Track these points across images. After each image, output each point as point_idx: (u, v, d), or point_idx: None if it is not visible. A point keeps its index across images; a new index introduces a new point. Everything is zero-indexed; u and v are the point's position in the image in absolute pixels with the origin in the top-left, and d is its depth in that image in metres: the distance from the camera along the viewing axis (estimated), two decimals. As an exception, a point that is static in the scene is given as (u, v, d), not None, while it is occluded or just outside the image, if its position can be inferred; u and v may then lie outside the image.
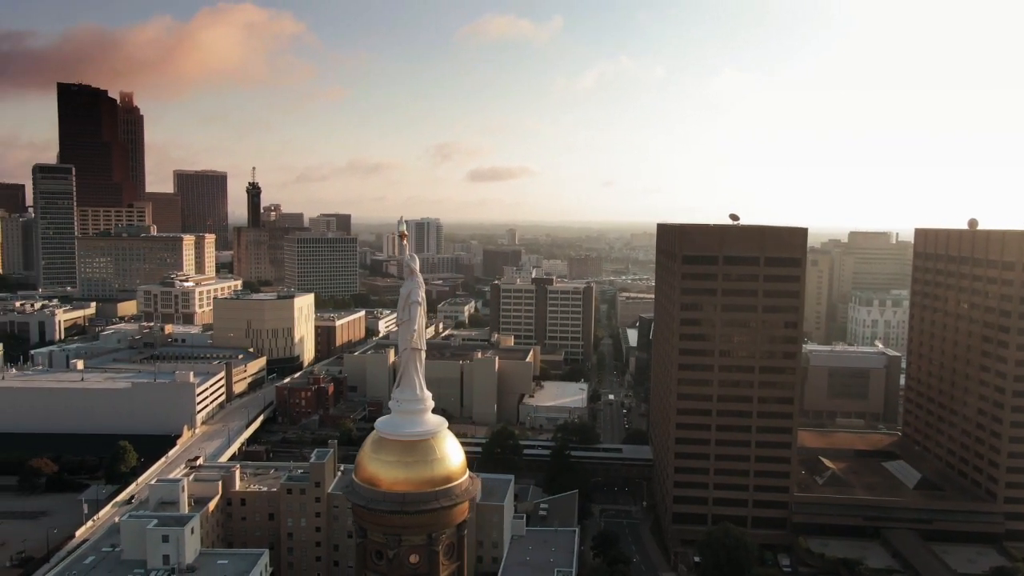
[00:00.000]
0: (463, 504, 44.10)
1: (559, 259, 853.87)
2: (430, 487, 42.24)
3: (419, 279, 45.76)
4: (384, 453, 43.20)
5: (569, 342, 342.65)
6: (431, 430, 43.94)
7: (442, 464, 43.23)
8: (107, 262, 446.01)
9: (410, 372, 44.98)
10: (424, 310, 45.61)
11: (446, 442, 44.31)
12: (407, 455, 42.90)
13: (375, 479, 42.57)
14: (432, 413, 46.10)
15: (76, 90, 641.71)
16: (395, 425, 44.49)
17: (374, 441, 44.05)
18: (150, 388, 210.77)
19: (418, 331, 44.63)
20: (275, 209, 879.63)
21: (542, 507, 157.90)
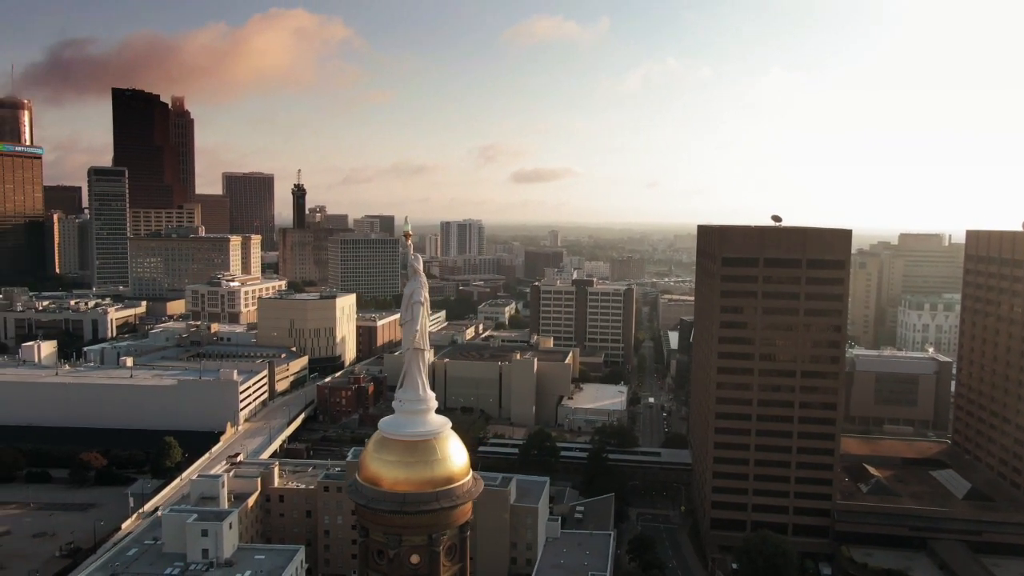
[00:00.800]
0: (465, 505, 43.99)
1: (601, 261, 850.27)
2: (431, 487, 42.27)
3: (422, 279, 45.84)
4: (385, 453, 43.36)
5: (609, 344, 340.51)
6: (433, 431, 43.93)
7: (443, 465, 43.21)
8: (157, 262, 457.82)
9: (413, 372, 45.04)
10: (427, 310, 45.62)
11: (448, 443, 44.28)
12: (408, 455, 43.01)
13: (377, 479, 42.77)
14: (436, 414, 46.06)
15: (130, 95, 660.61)
16: (397, 425, 44.63)
17: (376, 441, 44.30)
18: (195, 385, 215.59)
19: (420, 331, 44.68)
20: (320, 210, 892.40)
21: (578, 510, 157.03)
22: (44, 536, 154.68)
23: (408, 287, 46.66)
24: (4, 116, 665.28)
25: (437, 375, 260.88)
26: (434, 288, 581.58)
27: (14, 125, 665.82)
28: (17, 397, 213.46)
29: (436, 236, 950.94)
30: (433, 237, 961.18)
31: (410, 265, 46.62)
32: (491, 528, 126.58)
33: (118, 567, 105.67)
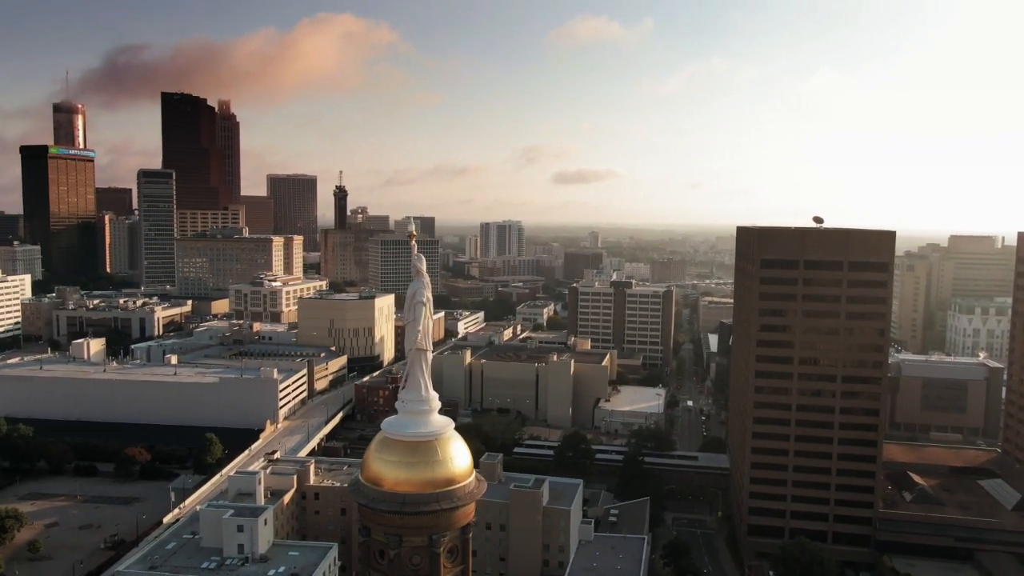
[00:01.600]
0: (467, 507, 43.70)
1: (642, 262, 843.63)
2: (431, 488, 42.10)
3: (425, 279, 45.76)
4: (387, 453, 43.39)
5: (648, 346, 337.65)
6: (435, 431, 43.79)
7: (444, 466, 43.00)
8: (203, 262, 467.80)
9: (415, 372, 45.02)
10: (430, 310, 45.53)
11: (450, 444, 44.06)
12: (408, 456, 42.94)
13: (378, 478, 42.80)
14: (439, 414, 45.94)
15: (178, 99, 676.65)
16: (399, 425, 44.62)
17: (379, 440, 44.36)
18: (236, 383, 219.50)
19: (423, 331, 44.62)
20: (362, 212, 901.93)
21: (612, 513, 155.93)
22: (90, 528, 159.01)
23: (411, 288, 46.82)
24: (59, 120, 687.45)
25: (474, 376, 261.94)
26: (473, 289, 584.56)
27: (69, 129, 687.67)
28: (67, 393, 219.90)
29: (476, 237, 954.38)
30: (473, 238, 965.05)
31: (413, 266, 46.66)
32: (523, 530, 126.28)
33: (157, 560, 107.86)
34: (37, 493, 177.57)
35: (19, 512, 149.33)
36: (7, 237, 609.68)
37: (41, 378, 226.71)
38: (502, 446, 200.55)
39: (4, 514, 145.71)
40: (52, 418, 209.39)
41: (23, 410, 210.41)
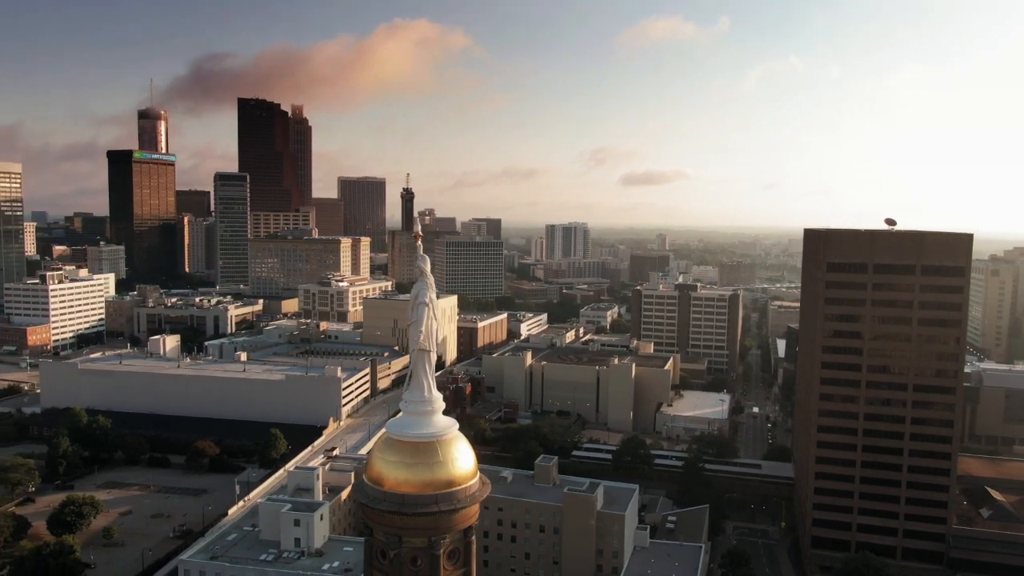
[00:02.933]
0: (468, 509, 43.13)
1: (710, 265, 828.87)
2: (431, 490, 41.75)
3: (429, 280, 45.58)
4: (388, 453, 43.35)
5: (713, 351, 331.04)
6: (436, 432, 43.45)
7: (444, 467, 42.60)
8: (275, 262, 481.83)
9: (418, 373, 44.82)
10: (433, 311, 45.28)
11: (452, 445, 43.63)
12: (409, 456, 42.75)
13: (380, 478, 42.78)
14: (443, 415, 45.61)
15: (253, 105, 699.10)
16: (402, 426, 44.52)
17: (382, 440, 44.40)
18: (301, 381, 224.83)
19: (425, 332, 44.42)
20: (429, 214, 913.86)
21: (670, 519, 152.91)
22: (161, 517, 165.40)
23: (414, 288, 46.87)
24: (144, 127, 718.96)
25: (535, 377, 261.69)
26: (537, 291, 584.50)
27: (152, 135, 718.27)
28: (143, 387, 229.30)
29: (542, 239, 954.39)
30: (539, 240, 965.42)
31: (418, 267, 46.66)
32: (577, 533, 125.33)
33: (218, 550, 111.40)
34: (114, 482, 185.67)
35: (95, 500, 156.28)
36: (95, 238, 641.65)
37: (120, 372, 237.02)
38: (560, 449, 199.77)
39: (81, 501, 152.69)
40: (129, 411, 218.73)
41: (103, 403, 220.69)
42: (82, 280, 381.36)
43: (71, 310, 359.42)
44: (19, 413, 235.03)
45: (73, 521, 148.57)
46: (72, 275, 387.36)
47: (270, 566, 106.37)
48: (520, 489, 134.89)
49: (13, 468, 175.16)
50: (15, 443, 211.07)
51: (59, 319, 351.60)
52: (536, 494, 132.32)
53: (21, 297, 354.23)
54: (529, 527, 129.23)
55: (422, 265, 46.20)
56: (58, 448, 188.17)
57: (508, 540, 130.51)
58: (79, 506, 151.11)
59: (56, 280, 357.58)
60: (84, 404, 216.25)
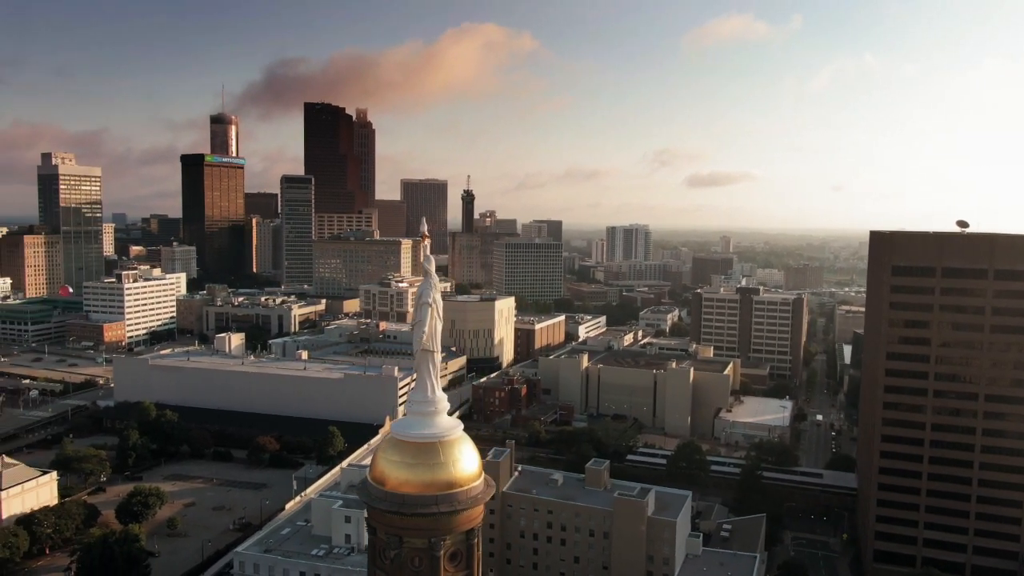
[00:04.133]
0: (470, 511, 42.60)
1: (775, 268, 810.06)
2: (432, 491, 41.42)
3: (433, 280, 45.22)
4: (391, 453, 43.24)
5: (776, 356, 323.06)
6: (438, 433, 43.10)
7: (445, 468, 42.20)
8: (338, 263, 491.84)
9: (422, 374, 44.58)
10: (436, 311, 44.88)
11: (455, 447, 43.20)
12: (410, 456, 42.54)
13: (383, 478, 42.69)
14: (448, 416, 45.25)
15: (319, 108, 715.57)
16: (405, 426, 44.39)
17: (386, 440, 44.41)
18: (359, 379, 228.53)
19: (428, 332, 44.06)
20: (490, 215, 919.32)
21: (725, 528, 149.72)
22: (222, 509, 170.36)
23: (419, 288, 46.82)
24: (215, 131, 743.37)
25: (591, 380, 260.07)
26: (596, 293, 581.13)
27: (223, 139, 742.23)
28: (209, 383, 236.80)
29: (602, 241, 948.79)
30: (600, 242, 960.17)
31: (422, 267, 46.54)
32: (627, 539, 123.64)
33: (272, 544, 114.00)
34: (179, 474, 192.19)
35: (160, 491, 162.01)
36: (169, 239, 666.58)
37: (187, 368, 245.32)
38: (615, 453, 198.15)
39: (148, 492, 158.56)
40: (195, 406, 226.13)
41: (171, 397, 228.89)
42: (155, 279, 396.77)
43: (145, 308, 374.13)
44: (94, 406, 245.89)
45: (139, 511, 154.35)
46: (146, 274, 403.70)
47: (321, 561, 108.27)
48: (570, 492, 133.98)
49: (86, 458, 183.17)
50: (89, 434, 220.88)
51: (133, 316, 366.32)
52: (586, 498, 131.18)
53: (99, 295, 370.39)
54: (579, 531, 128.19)
55: (427, 266, 46.27)
56: (128, 440, 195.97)
57: (558, 543, 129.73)
58: (145, 496, 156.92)
59: (131, 279, 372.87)
60: (154, 398, 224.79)
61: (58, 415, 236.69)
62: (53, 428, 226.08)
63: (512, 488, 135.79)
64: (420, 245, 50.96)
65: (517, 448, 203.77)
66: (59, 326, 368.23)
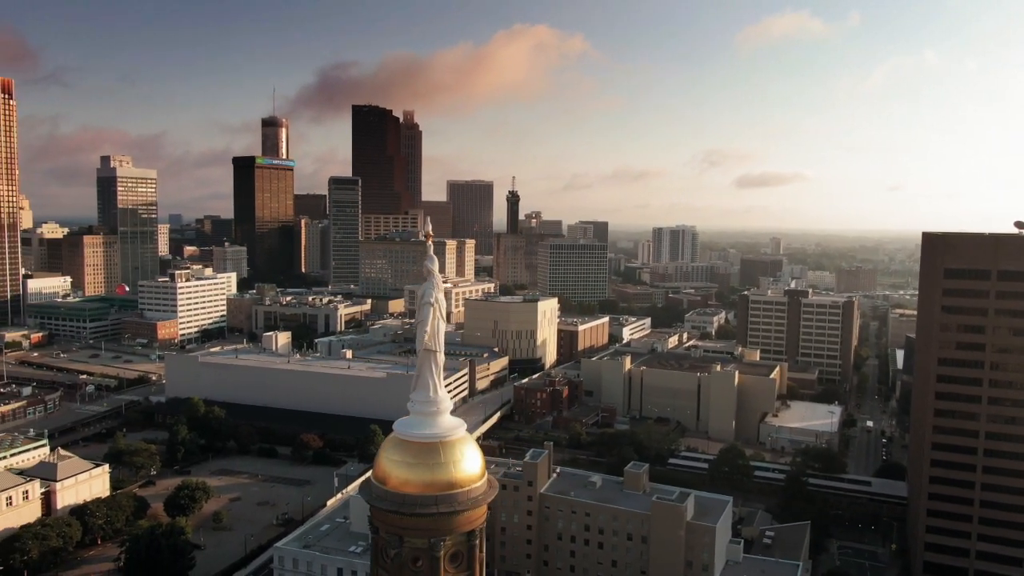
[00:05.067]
0: (471, 512, 42.28)
1: (827, 270, 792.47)
2: (432, 491, 41.23)
3: (436, 280, 45.05)
4: (392, 452, 43.18)
5: (825, 360, 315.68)
6: (440, 433, 42.92)
7: (446, 469, 41.96)
8: (384, 264, 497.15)
9: (424, 373, 44.46)
10: (438, 311, 44.66)
11: (456, 447, 42.92)
12: (410, 456, 42.43)
13: (384, 477, 42.64)
14: (451, 416, 45.00)
15: (367, 111, 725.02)
16: (408, 425, 44.35)
17: (389, 439, 44.32)
18: (402, 379, 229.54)
19: (430, 332, 43.91)
20: (536, 216, 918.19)
21: (767, 534, 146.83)
22: (266, 505, 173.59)
23: (421, 288, 46.68)
24: (266, 133, 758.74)
25: (633, 382, 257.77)
26: (642, 295, 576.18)
27: (274, 141, 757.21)
28: (255, 380, 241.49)
29: (649, 242, 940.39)
30: (646, 243, 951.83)
31: (425, 267, 46.37)
32: (665, 544, 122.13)
33: (311, 540, 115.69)
34: (225, 470, 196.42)
35: (207, 485, 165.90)
36: (221, 239, 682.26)
37: (235, 366, 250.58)
38: (657, 456, 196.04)
39: (195, 486, 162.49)
40: (242, 403, 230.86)
41: (220, 394, 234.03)
42: (206, 279, 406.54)
43: (196, 306, 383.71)
44: (146, 401, 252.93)
45: (186, 504, 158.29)
46: (198, 274, 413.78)
47: (358, 558, 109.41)
48: (609, 495, 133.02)
49: (137, 452, 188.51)
50: (141, 429, 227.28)
51: (186, 315, 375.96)
52: (624, 501, 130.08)
53: (153, 294, 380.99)
54: (616, 534, 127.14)
55: (429, 265, 46.29)
56: (177, 435, 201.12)
57: (595, 546, 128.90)
58: (192, 490, 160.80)
59: (184, 278, 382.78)
60: (203, 395, 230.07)
61: (112, 410, 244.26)
62: (107, 422, 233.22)
63: (550, 490, 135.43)
64: (427, 243, 50.70)
65: (558, 450, 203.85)
66: (115, 324, 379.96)
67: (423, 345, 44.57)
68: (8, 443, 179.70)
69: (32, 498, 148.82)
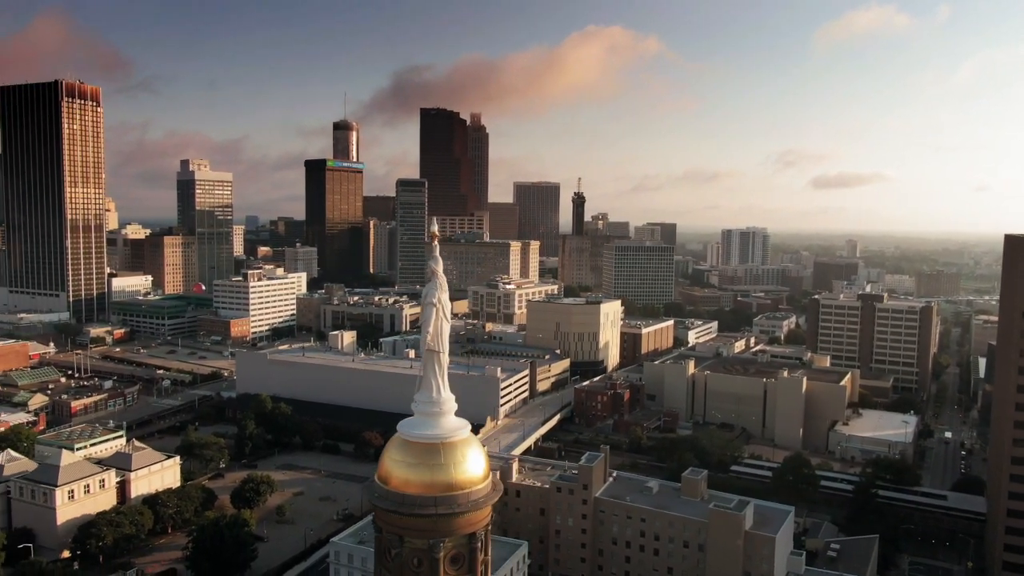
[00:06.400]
0: (472, 514, 41.43)
1: (906, 274, 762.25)
2: (432, 491, 40.62)
3: (439, 281, 44.47)
4: (395, 452, 42.88)
5: (900, 368, 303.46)
6: (441, 434, 42.29)
7: (446, 470, 41.28)
8: (448, 265, 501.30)
9: (427, 374, 44.02)
10: (441, 311, 44.14)
11: (458, 449, 42.18)
12: (411, 456, 41.97)
13: (387, 477, 42.32)
14: (455, 417, 44.27)
15: (434, 114, 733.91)
16: (411, 426, 43.91)
17: (393, 439, 43.93)
18: (462, 379, 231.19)
19: (433, 332, 43.39)
20: (602, 218, 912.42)
21: (832, 547, 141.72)
22: (328, 500, 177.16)
23: (425, 288, 46.29)
24: (338, 137, 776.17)
25: (697, 387, 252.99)
26: (709, 298, 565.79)
27: (345, 144, 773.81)
28: (321, 378, 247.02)
29: (718, 244, 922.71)
30: (715, 245, 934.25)
31: (429, 267, 45.98)
32: (722, 553, 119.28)
33: (365, 536, 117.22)
34: (290, 464, 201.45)
35: (271, 479, 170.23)
36: (294, 240, 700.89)
37: (302, 364, 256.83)
38: (719, 463, 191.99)
39: (259, 480, 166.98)
40: (308, 399, 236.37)
41: (287, 391, 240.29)
42: (277, 279, 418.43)
43: (267, 305, 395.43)
44: (218, 396, 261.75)
45: (251, 497, 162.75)
46: (269, 274, 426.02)
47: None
48: (665, 501, 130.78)
49: (207, 446, 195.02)
50: (213, 423, 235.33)
51: (257, 313, 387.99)
52: (681, 507, 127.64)
53: (227, 293, 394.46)
54: (672, 541, 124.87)
55: (434, 266, 46.17)
56: (245, 430, 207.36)
57: (651, 552, 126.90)
58: (257, 484, 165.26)
59: (256, 278, 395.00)
60: (271, 391, 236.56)
61: (186, 404, 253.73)
62: (181, 416, 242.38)
63: (605, 494, 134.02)
64: (432, 243, 50.66)
65: (618, 454, 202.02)
66: (192, 321, 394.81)
67: (426, 346, 44.59)
68: (88, 434, 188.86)
69: (108, 487, 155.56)
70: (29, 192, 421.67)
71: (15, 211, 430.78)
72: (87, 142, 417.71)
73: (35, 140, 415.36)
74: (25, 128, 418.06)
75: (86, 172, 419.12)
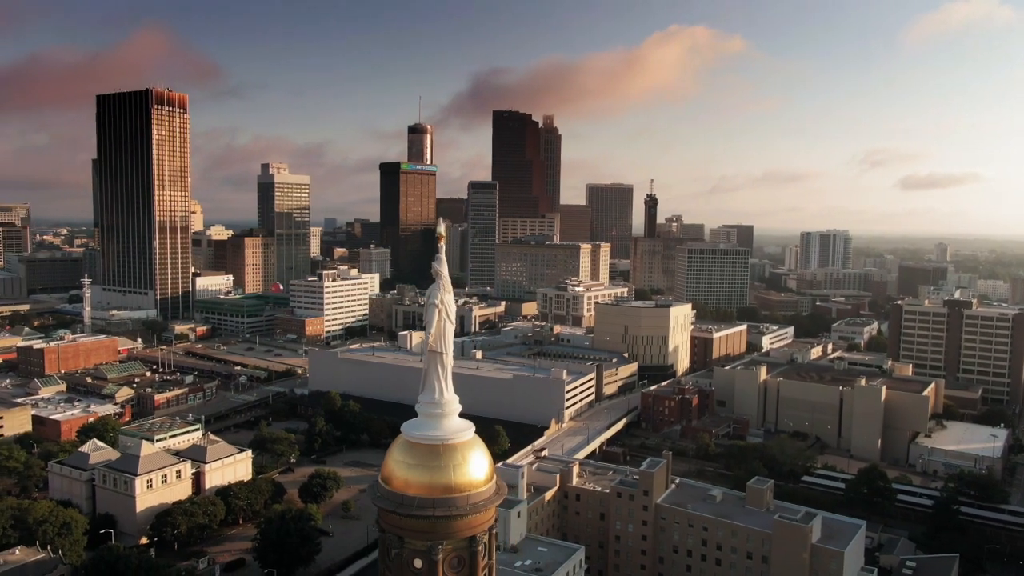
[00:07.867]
0: (472, 517, 40.46)
1: (1001, 279, 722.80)
2: (433, 493, 39.89)
3: (442, 282, 43.88)
4: (397, 453, 42.41)
5: (990, 379, 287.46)
6: (442, 436, 41.54)
7: (445, 472, 40.46)
8: (519, 267, 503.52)
9: (430, 375, 43.43)
10: (443, 312, 43.48)
11: (459, 450, 41.30)
12: (412, 457, 41.36)
13: (389, 477, 41.85)
14: (459, 419, 43.47)
15: (506, 116, 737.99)
16: (414, 426, 43.41)
17: (397, 440, 43.47)
18: (528, 381, 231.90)
19: (436, 333, 42.74)
20: (676, 220, 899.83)
21: (908, 564, 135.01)
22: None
23: (428, 290, 45.79)
24: (412, 140, 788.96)
25: (769, 394, 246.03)
26: (786, 303, 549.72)
27: (419, 147, 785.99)
28: (388, 377, 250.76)
29: (796, 247, 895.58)
30: (793, 248, 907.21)
31: (433, 269, 45.33)
32: (787, 566, 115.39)
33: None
34: (357, 461, 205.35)
35: (337, 475, 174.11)
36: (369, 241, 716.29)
37: (371, 363, 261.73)
38: (790, 472, 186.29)
39: (327, 475, 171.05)
40: (375, 398, 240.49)
41: (356, 389, 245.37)
42: (351, 279, 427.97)
43: (341, 305, 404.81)
44: (291, 393, 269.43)
45: (318, 492, 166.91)
46: (344, 274, 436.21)
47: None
48: (728, 510, 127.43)
49: (279, 441, 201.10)
50: (285, 419, 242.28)
51: (331, 312, 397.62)
52: (745, 517, 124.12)
53: (303, 292, 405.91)
54: (735, 552, 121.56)
55: (437, 267, 45.75)
56: (315, 427, 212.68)
57: (713, 562, 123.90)
58: (324, 479, 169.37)
59: (330, 278, 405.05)
60: (341, 389, 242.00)
61: (261, 400, 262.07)
62: (256, 411, 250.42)
63: (667, 501, 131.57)
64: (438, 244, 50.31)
65: (685, 461, 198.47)
66: (269, 319, 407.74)
67: (429, 346, 44.52)
68: (167, 426, 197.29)
69: (184, 477, 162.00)
70: (121, 195, 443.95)
71: (109, 214, 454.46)
72: (175, 147, 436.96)
73: (127, 146, 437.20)
74: (119, 135, 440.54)
75: (173, 176, 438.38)
